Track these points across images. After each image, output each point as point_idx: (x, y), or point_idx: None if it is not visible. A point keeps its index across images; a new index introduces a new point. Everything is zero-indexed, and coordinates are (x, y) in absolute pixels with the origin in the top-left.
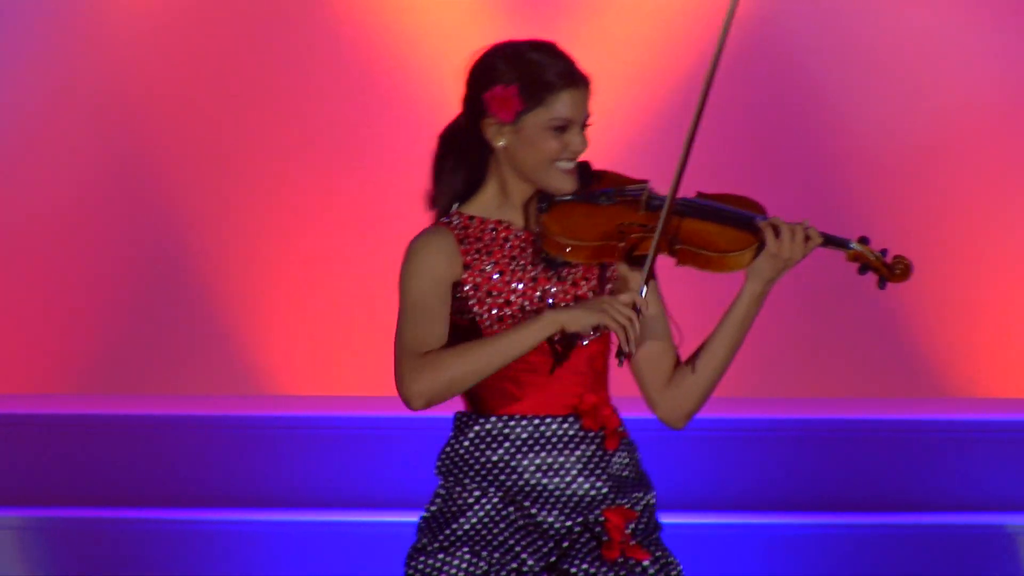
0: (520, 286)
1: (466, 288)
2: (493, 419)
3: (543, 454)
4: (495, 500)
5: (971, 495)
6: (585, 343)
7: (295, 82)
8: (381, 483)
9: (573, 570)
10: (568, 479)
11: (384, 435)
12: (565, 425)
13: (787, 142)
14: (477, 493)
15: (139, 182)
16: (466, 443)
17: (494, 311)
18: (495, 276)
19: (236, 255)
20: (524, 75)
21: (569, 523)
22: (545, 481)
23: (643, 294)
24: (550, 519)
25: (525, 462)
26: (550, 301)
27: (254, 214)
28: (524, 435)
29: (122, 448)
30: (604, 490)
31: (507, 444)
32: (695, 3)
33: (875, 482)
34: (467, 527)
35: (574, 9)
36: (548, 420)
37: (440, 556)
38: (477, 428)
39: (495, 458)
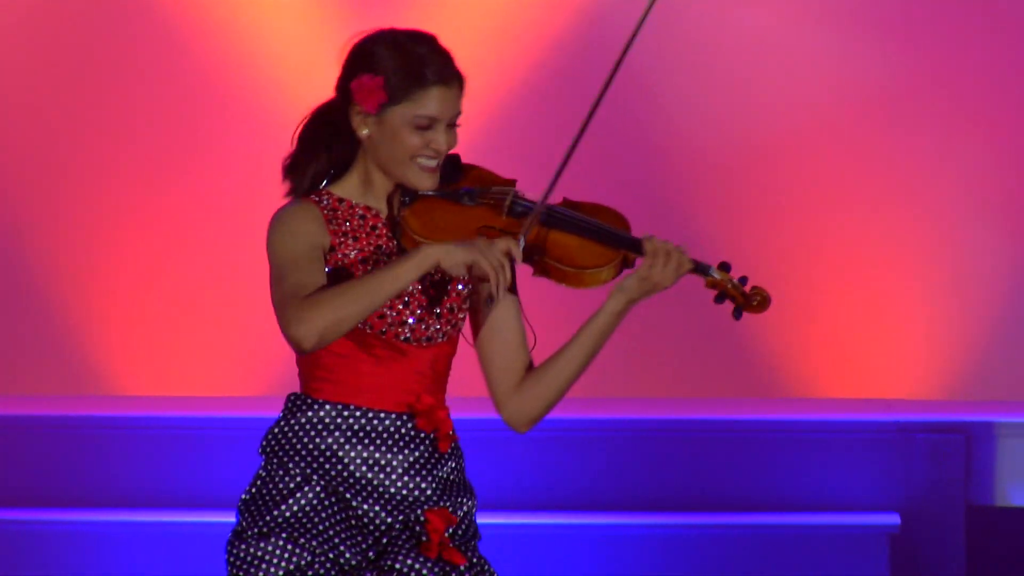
0: None
1: (328, 269)
2: (327, 407)
3: (371, 448)
4: (318, 489)
5: (809, 495)
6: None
7: (131, 81)
8: (219, 483)
9: (397, 565)
10: (394, 476)
11: (222, 435)
12: (399, 423)
13: (619, 141)
14: (300, 479)
15: None
16: (296, 427)
17: None
18: (359, 263)
19: (74, 254)
20: (394, 67)
21: (390, 520)
22: (371, 476)
23: (520, 244)
24: (371, 514)
25: (353, 454)
26: (406, 299)
27: (93, 213)
28: (356, 427)
29: None
30: (428, 492)
31: (337, 433)
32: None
33: (713, 482)
34: (288, 514)
35: (410, 5)
36: (382, 415)
37: (260, 544)
38: (310, 414)
39: (323, 446)
